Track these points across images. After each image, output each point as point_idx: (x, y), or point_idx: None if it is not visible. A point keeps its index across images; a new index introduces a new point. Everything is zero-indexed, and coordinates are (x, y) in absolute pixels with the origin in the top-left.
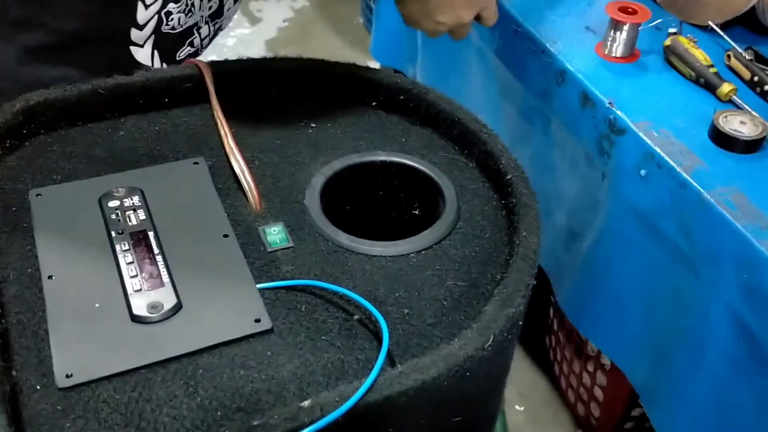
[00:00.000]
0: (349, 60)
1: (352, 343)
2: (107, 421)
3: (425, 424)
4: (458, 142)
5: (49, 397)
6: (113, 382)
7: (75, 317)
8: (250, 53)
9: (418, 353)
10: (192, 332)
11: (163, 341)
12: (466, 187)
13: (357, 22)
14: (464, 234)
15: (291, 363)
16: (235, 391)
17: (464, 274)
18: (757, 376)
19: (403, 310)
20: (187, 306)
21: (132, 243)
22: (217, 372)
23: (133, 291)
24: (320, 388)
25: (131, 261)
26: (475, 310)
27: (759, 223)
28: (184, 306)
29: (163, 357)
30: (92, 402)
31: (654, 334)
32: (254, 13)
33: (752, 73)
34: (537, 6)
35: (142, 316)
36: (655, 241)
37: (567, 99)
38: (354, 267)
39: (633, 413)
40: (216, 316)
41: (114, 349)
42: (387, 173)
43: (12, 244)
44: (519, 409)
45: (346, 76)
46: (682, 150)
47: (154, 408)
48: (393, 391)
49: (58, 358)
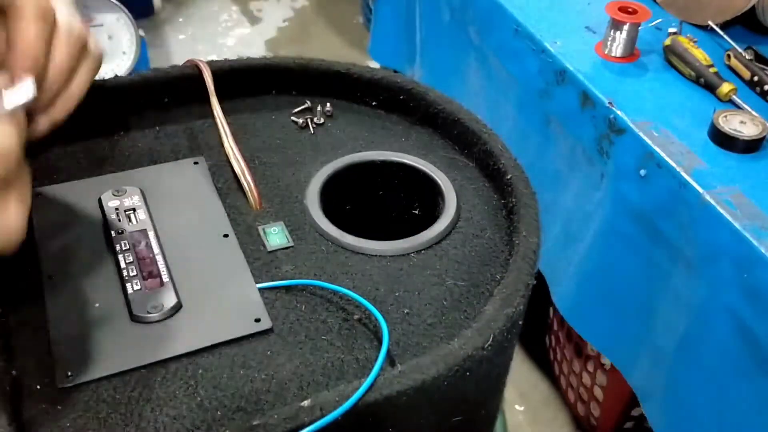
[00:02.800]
0: (349, 60)
1: (352, 343)
2: (107, 420)
3: (425, 423)
4: (458, 141)
5: (49, 396)
6: (113, 381)
7: (75, 317)
8: (250, 53)
9: (418, 353)
10: (192, 332)
11: (163, 341)
12: (466, 187)
13: (357, 22)
14: (464, 234)
15: (291, 363)
16: (235, 390)
17: (464, 273)
18: (757, 376)
19: (402, 310)
20: (187, 306)
21: (132, 243)
22: (217, 372)
23: (133, 291)
24: (320, 388)
25: (131, 261)
26: (475, 309)
27: (759, 223)
28: (184, 306)
29: (163, 357)
30: (92, 401)
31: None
32: (254, 13)
33: (752, 72)
34: (537, 6)
35: (142, 315)
36: (654, 241)
37: (567, 99)
38: (354, 267)
39: (633, 413)
40: (216, 315)
41: (114, 349)
42: (387, 173)
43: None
44: (519, 409)
45: (346, 75)
46: (682, 150)
47: (154, 408)
48: (393, 391)
49: (58, 358)
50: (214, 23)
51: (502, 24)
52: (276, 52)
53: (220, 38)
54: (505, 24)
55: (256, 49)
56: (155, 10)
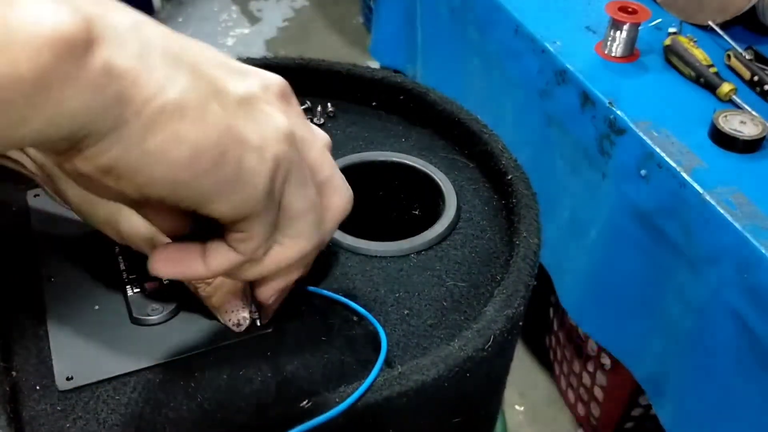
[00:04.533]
0: (349, 60)
1: (352, 343)
2: (107, 422)
3: (425, 424)
4: (459, 142)
5: (49, 397)
6: (113, 383)
7: (75, 319)
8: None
9: (418, 354)
10: (192, 334)
11: (163, 343)
12: (466, 188)
13: (357, 22)
14: (464, 234)
15: (291, 364)
16: (235, 392)
17: (464, 274)
18: (759, 375)
19: (403, 311)
20: (187, 308)
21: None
22: (216, 373)
23: (132, 293)
24: (320, 388)
25: (131, 262)
26: (475, 310)
27: (759, 223)
28: (183, 308)
29: (163, 359)
30: (92, 403)
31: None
32: (254, 13)
33: (752, 72)
34: (537, 6)
35: (143, 318)
36: (655, 240)
37: (567, 99)
38: (354, 267)
39: (633, 413)
40: (215, 317)
41: (114, 352)
42: (387, 173)
43: (11, 245)
44: (519, 409)
45: (346, 75)
46: (682, 150)
47: (154, 409)
48: (393, 392)
49: (58, 360)
50: (213, 23)
51: (502, 24)
52: (276, 52)
53: (220, 38)
54: (505, 24)
55: (256, 49)
56: (155, 9)
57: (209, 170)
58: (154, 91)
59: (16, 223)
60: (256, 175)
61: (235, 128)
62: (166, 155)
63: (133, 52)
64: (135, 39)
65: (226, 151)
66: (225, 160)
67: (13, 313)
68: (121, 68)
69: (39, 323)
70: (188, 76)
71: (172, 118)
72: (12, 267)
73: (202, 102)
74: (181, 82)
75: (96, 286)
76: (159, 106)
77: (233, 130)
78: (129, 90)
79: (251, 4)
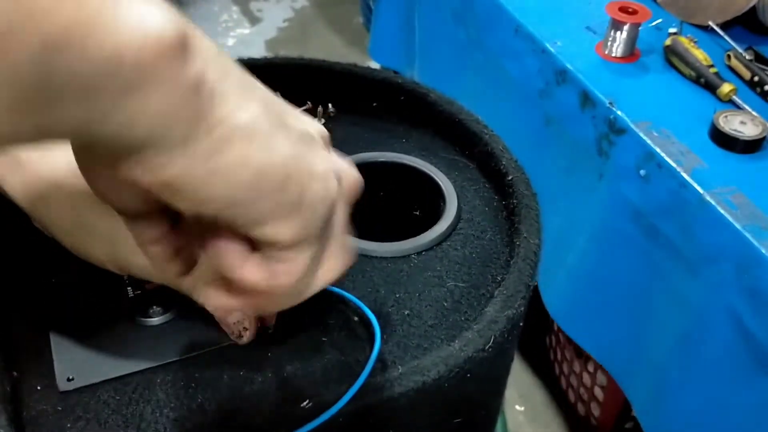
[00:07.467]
0: (349, 60)
1: (352, 343)
2: (108, 422)
3: (425, 425)
4: (459, 142)
5: (50, 397)
6: (114, 383)
7: (75, 320)
8: (250, 53)
9: (419, 354)
10: (192, 334)
11: (164, 344)
12: (466, 188)
13: (357, 22)
14: (465, 235)
15: (291, 364)
16: (235, 392)
17: (465, 275)
18: (757, 377)
19: (403, 311)
20: (188, 309)
21: None
22: (217, 373)
23: (133, 294)
24: (320, 388)
25: None
26: (476, 311)
27: (759, 223)
28: (184, 309)
29: (164, 360)
30: (93, 403)
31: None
32: (254, 13)
33: (752, 73)
34: (537, 6)
35: (143, 319)
36: (654, 241)
37: (567, 99)
38: (354, 268)
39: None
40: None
41: (115, 353)
42: (387, 174)
43: (12, 245)
44: (519, 409)
45: (346, 76)
46: (682, 150)
47: (154, 409)
48: (393, 393)
49: (59, 361)
50: (214, 23)
51: (502, 24)
52: (276, 52)
53: (221, 38)
54: (505, 24)
55: (256, 49)
56: None
57: (273, 193)
58: (227, 112)
59: (18, 223)
60: (319, 201)
61: (300, 157)
62: (231, 176)
63: (218, 73)
64: (220, 62)
65: (291, 175)
66: (289, 185)
67: (15, 313)
68: (208, 83)
69: (40, 324)
70: (259, 105)
71: (241, 141)
72: (13, 268)
73: (271, 130)
74: (253, 109)
75: (97, 287)
76: (230, 128)
77: (298, 158)
78: (207, 106)
79: (251, 4)
